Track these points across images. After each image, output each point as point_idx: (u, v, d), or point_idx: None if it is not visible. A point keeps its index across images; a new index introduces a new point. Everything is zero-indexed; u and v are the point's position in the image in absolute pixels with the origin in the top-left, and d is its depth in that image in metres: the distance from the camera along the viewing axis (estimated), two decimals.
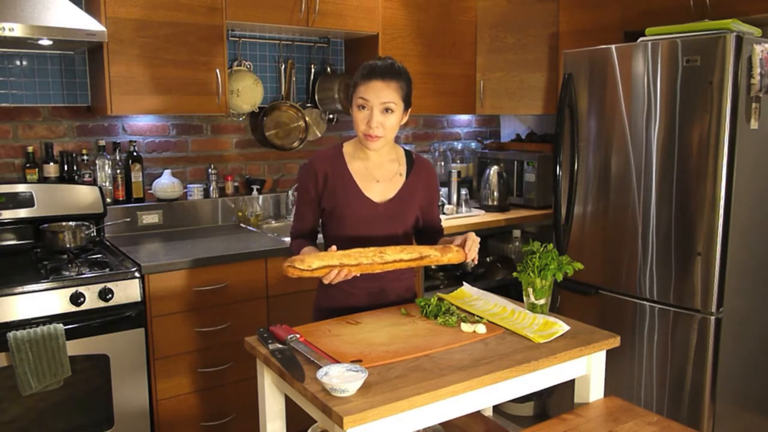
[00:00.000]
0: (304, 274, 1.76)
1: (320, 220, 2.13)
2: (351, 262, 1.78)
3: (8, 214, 2.64)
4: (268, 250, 2.72)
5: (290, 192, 3.43)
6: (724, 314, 2.51)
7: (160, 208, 3.09)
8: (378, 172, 2.06)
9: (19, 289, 2.22)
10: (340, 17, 3.15)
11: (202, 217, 3.22)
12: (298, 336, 1.73)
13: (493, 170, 3.69)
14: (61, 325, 2.23)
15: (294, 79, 3.44)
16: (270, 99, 3.38)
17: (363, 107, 1.94)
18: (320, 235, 2.15)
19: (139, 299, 2.43)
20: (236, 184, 3.36)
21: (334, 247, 1.83)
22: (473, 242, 1.94)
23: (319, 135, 3.55)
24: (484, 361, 1.62)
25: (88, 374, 2.36)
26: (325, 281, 1.82)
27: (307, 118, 3.44)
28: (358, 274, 1.83)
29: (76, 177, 2.87)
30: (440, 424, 1.85)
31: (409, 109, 2.03)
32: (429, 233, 2.18)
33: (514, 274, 2.00)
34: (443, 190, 3.67)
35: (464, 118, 4.22)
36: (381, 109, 1.92)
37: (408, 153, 2.14)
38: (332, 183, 2.02)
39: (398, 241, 2.04)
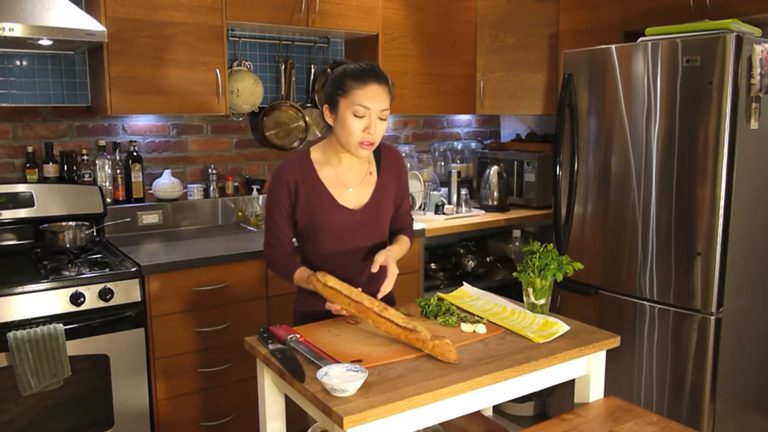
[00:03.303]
0: (317, 287, 1.81)
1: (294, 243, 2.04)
2: (352, 297, 1.75)
3: (8, 214, 2.64)
4: None
5: None
6: (724, 314, 2.51)
7: (160, 208, 3.09)
8: (348, 177, 1.98)
9: (19, 289, 2.22)
10: (340, 17, 3.15)
11: (202, 217, 3.22)
12: (298, 336, 1.73)
13: (493, 170, 3.69)
14: (61, 325, 2.23)
15: (294, 79, 3.44)
16: (270, 99, 3.38)
17: (362, 115, 1.83)
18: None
19: (139, 299, 2.43)
20: (236, 184, 3.36)
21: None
22: (390, 278, 1.88)
23: (319, 135, 3.55)
24: (484, 361, 1.62)
25: (88, 374, 2.36)
26: (327, 305, 1.83)
27: (307, 118, 3.44)
28: (351, 314, 1.78)
29: (76, 177, 2.87)
30: (440, 424, 1.85)
31: None
32: (392, 232, 2.11)
33: (514, 274, 2.00)
34: (443, 190, 3.67)
35: (464, 118, 4.22)
36: (378, 117, 1.85)
37: None
38: (304, 194, 1.92)
39: (377, 247, 1.98)
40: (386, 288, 1.88)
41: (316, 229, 1.95)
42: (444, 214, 3.45)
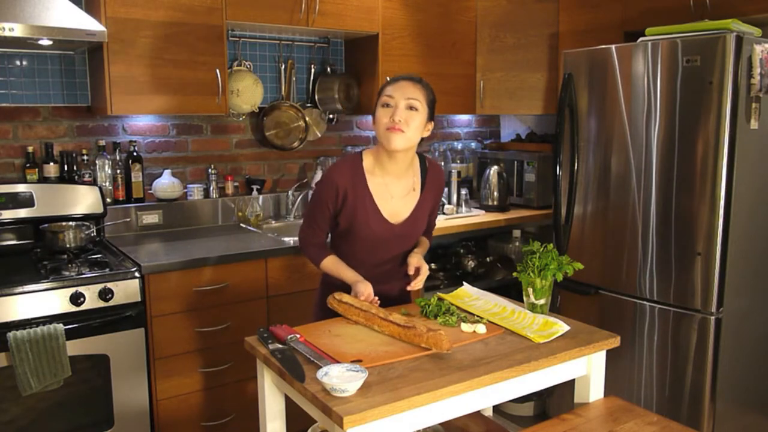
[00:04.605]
0: (333, 304, 1.94)
1: (329, 235, 2.14)
2: (362, 308, 1.86)
3: (8, 214, 2.64)
4: (268, 250, 2.72)
5: (290, 192, 3.43)
6: (724, 314, 2.51)
7: (160, 208, 3.09)
8: (395, 188, 2.05)
9: (19, 289, 2.22)
10: (340, 17, 3.14)
11: (202, 217, 3.22)
12: (298, 336, 1.74)
13: (493, 170, 3.69)
14: (61, 325, 2.23)
15: (294, 79, 3.44)
16: (270, 99, 3.38)
17: (387, 105, 1.93)
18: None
19: (139, 299, 2.43)
20: (236, 184, 3.36)
21: (362, 297, 1.95)
22: (423, 276, 2.04)
23: (319, 135, 3.55)
24: (484, 361, 1.62)
25: (88, 374, 2.36)
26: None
27: (307, 118, 3.44)
28: (361, 322, 1.88)
29: (76, 177, 2.87)
30: (440, 424, 1.85)
31: (432, 123, 2.03)
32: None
33: (514, 274, 2.01)
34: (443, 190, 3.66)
35: (464, 118, 4.22)
36: (406, 105, 1.92)
37: (421, 159, 2.14)
38: (351, 201, 1.99)
39: (404, 255, 2.10)
40: (416, 284, 2.03)
41: (354, 234, 2.03)
42: (444, 214, 3.45)
